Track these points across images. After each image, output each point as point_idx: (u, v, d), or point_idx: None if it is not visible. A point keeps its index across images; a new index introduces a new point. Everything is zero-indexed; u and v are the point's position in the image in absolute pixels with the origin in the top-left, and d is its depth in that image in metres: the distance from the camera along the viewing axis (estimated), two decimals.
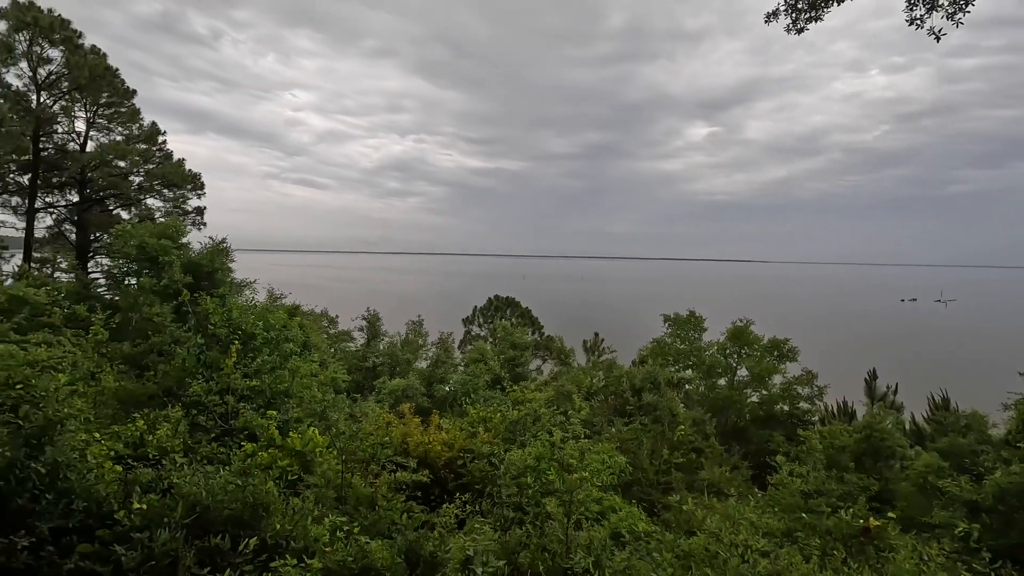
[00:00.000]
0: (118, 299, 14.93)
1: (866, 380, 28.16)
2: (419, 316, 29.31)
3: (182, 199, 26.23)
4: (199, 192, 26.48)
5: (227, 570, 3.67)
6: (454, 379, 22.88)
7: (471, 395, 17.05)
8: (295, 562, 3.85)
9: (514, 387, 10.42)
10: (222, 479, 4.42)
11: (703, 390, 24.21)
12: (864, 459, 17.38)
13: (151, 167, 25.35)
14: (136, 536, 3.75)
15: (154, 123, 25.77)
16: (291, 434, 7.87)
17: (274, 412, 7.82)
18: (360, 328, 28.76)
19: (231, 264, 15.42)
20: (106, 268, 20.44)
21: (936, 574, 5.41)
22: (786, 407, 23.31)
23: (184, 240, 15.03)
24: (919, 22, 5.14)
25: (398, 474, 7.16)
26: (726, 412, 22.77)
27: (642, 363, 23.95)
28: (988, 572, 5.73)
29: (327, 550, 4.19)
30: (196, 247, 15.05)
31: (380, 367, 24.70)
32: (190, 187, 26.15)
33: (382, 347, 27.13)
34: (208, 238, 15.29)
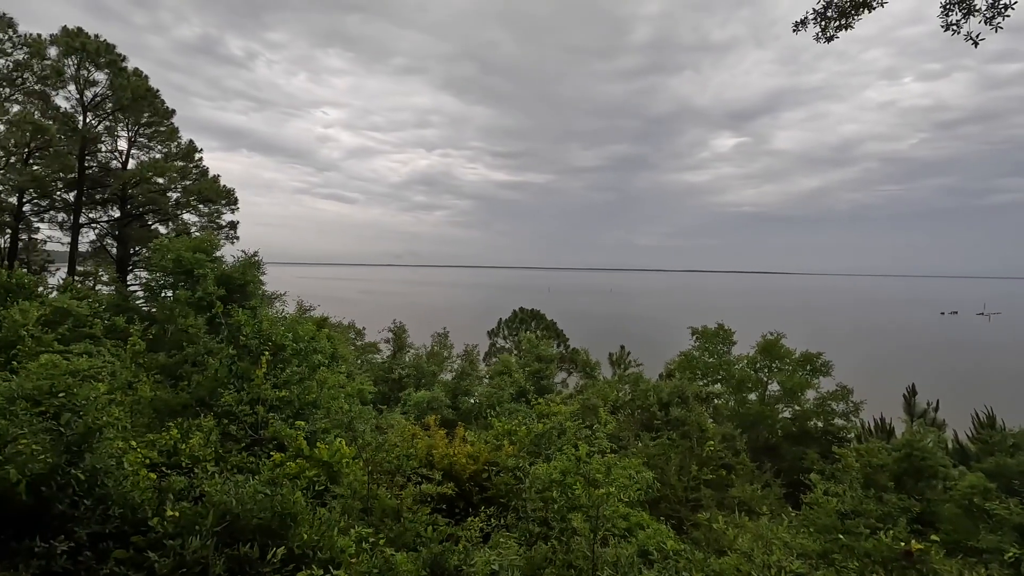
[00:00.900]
0: (155, 311, 15.39)
1: (905, 396, 27.09)
2: (444, 328, 29.45)
3: (216, 214, 27.08)
4: (232, 207, 27.31)
5: None
6: (479, 391, 22.86)
7: (496, 408, 17.00)
8: (321, 573, 3.88)
9: (539, 400, 10.34)
10: (251, 488, 4.48)
11: (733, 405, 23.63)
12: (904, 479, 16.68)
13: (188, 183, 26.27)
14: (169, 543, 3.83)
15: (191, 141, 26.76)
16: (319, 444, 7.97)
17: (302, 423, 7.93)
18: (386, 340, 29.04)
19: (262, 277, 15.77)
20: (144, 281, 21.17)
21: None
22: (820, 423, 22.57)
23: (218, 253, 15.45)
24: (955, 27, 5.01)
25: (423, 486, 7.16)
26: (757, 428, 22.16)
27: (669, 377, 23.55)
28: None
29: (353, 561, 4.20)
30: (229, 260, 15.45)
31: (406, 379, 24.84)
32: (224, 202, 26.99)
33: (408, 359, 27.32)
34: (241, 251, 15.70)
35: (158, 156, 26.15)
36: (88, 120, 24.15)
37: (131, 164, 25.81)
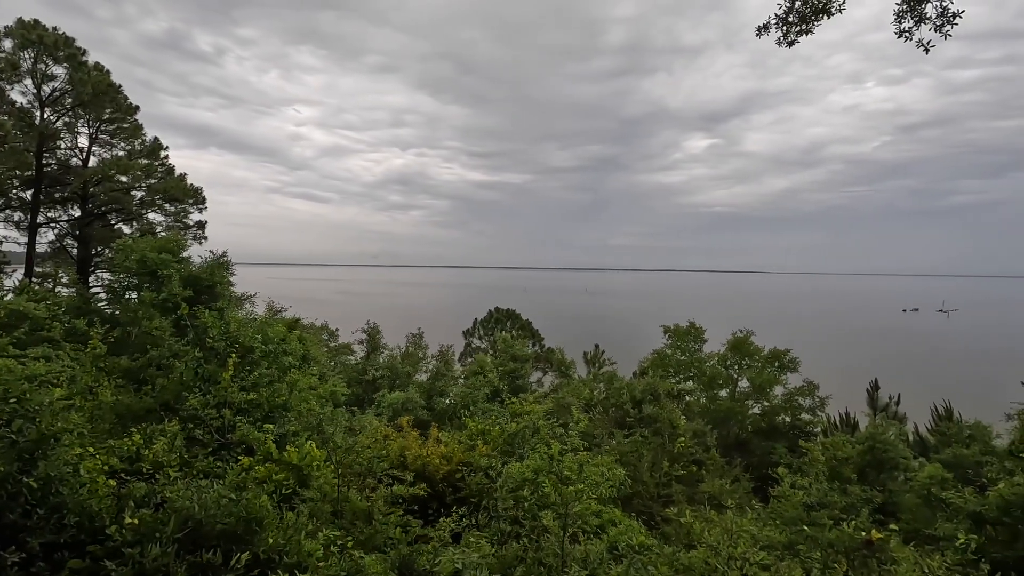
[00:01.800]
0: (118, 313, 14.94)
1: (868, 391, 28.01)
2: (419, 329, 29.26)
3: (183, 213, 26.39)
4: (200, 206, 26.64)
5: None
6: (454, 392, 22.79)
7: (470, 408, 16.98)
8: None
9: (512, 399, 10.38)
10: (215, 493, 4.39)
11: (704, 402, 24.09)
12: (867, 471, 17.25)
13: (153, 182, 25.53)
14: (127, 551, 3.72)
15: (156, 138, 26.01)
16: (288, 447, 7.85)
17: (270, 426, 7.80)
18: (360, 341, 28.73)
19: (231, 278, 15.45)
20: (107, 282, 20.51)
21: None
22: (788, 418, 23.18)
23: (185, 254, 15.07)
24: (908, 34, 5.20)
25: (395, 488, 7.11)
26: (727, 424, 22.62)
27: (643, 375, 23.85)
28: None
29: (320, 565, 4.15)
30: (197, 261, 15.08)
31: (380, 380, 24.62)
32: (191, 201, 26.32)
33: (382, 360, 27.07)
34: (209, 252, 15.34)
35: (121, 154, 25.34)
36: (46, 116, 23.27)
37: (92, 161, 24.97)
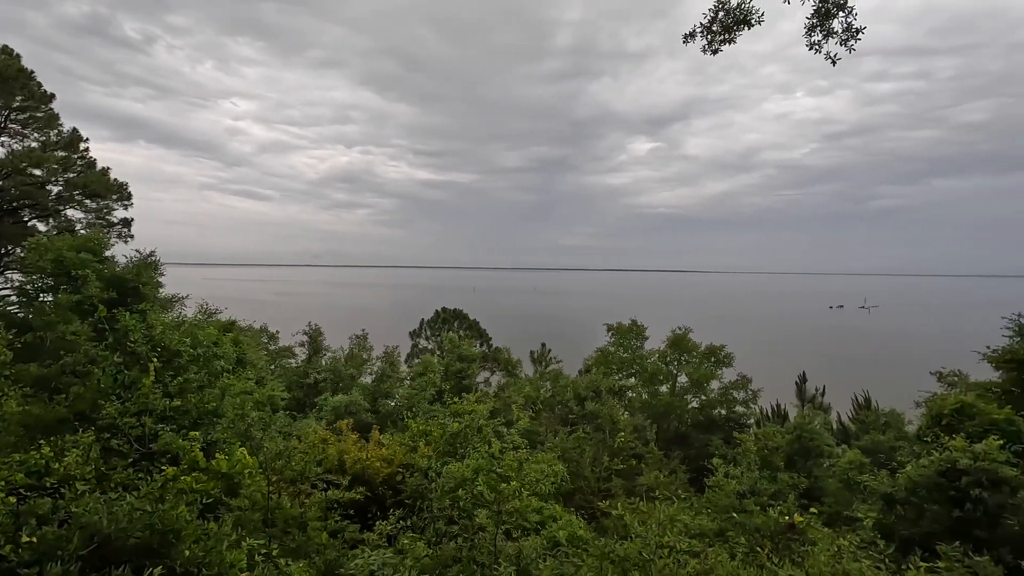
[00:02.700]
0: (31, 317, 13.85)
1: (797, 383, 29.67)
2: (364, 330, 28.65)
3: (106, 210, 24.73)
4: (125, 202, 25.06)
5: None
6: (399, 393, 22.47)
7: (414, 409, 16.79)
8: None
9: (454, 399, 10.35)
10: (128, 506, 4.15)
11: (645, 397, 24.78)
12: (795, 458, 18.23)
13: (71, 176, 23.80)
14: (23, 572, 3.47)
15: (75, 129, 24.26)
16: (217, 455, 7.52)
17: (196, 433, 7.44)
18: (302, 344, 27.83)
19: (160, 278, 14.66)
20: (18, 284, 18.95)
21: (848, 563, 5.73)
22: (724, 411, 24.17)
23: (108, 253, 14.15)
24: (817, 47, 5.55)
25: (330, 492, 6.95)
26: (668, 418, 23.37)
27: (587, 372, 24.30)
28: (884, 558, 6.14)
29: (243, 575, 4.00)
30: (122, 260, 14.19)
31: (322, 383, 23.94)
32: (116, 197, 24.71)
33: (324, 363, 26.33)
34: (135, 251, 14.46)
35: (34, 145, 23.47)
36: None
37: (0, 153, 23.03)
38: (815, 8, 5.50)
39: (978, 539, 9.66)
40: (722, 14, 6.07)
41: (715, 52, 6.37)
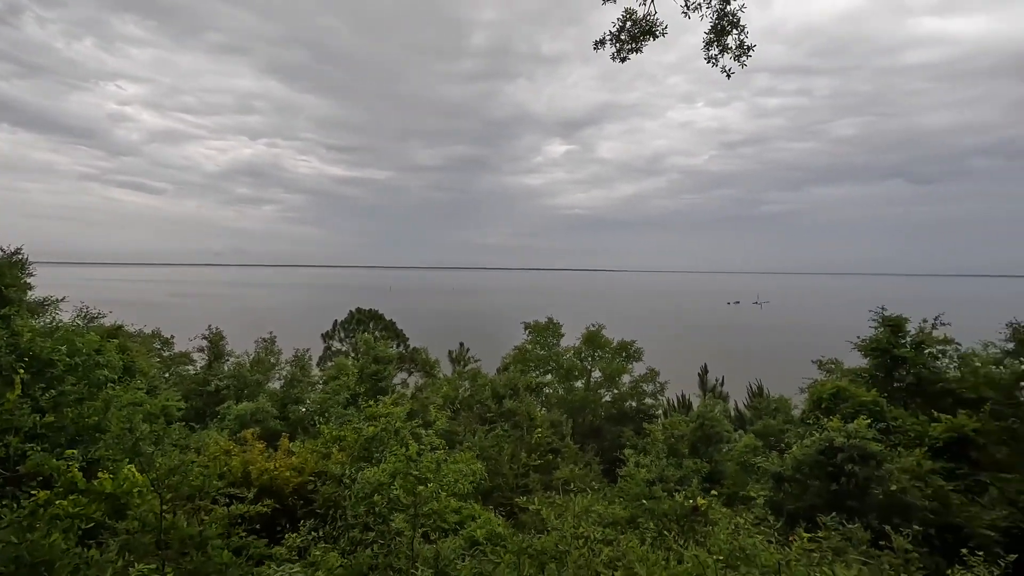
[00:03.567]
0: None
1: (699, 375, 31.78)
2: (271, 333, 27.12)
3: None
4: None
5: None
6: (311, 398, 21.51)
7: (327, 414, 16.15)
8: None
9: (370, 402, 10.07)
10: None
11: (561, 393, 25.43)
12: (698, 445, 19.51)
13: None
14: None
15: None
16: (100, 474, 6.81)
17: (74, 451, 6.70)
18: (201, 349, 25.82)
19: (30, 279, 13.02)
20: None
21: (743, 540, 6.20)
22: (634, 403, 25.35)
23: None
24: (714, 60, 5.98)
25: (233, 507, 6.51)
26: (583, 412, 24.14)
27: (505, 371, 24.55)
28: (774, 532, 6.72)
29: None
30: None
31: (225, 391, 22.37)
32: None
33: (227, 368, 24.61)
34: None
35: None
36: None
37: None
38: (712, 24, 5.91)
39: (851, 508, 10.83)
40: (629, 24, 6.35)
41: (623, 60, 6.65)
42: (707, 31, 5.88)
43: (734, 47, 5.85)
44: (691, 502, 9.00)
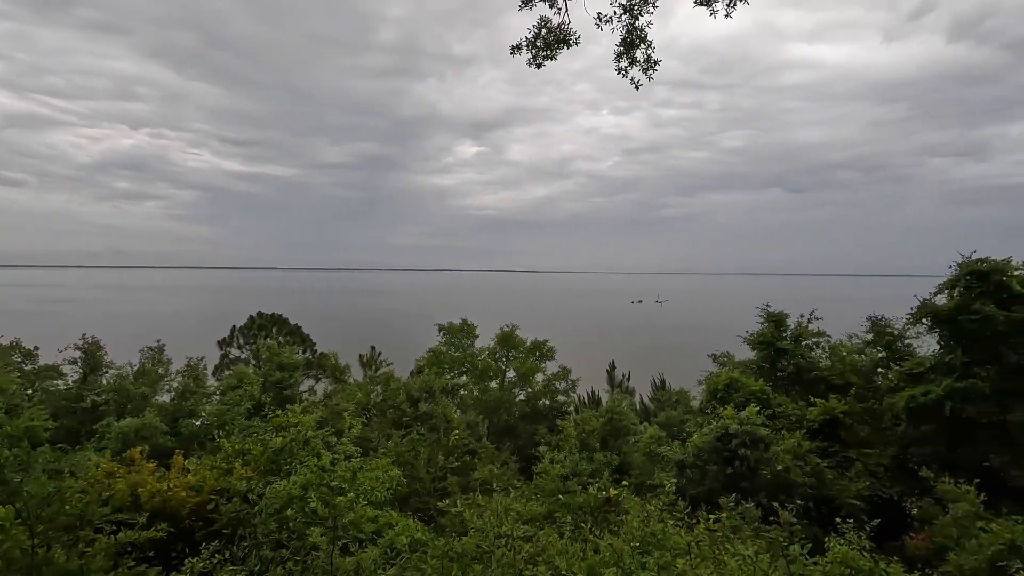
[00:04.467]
0: None
1: (608, 371, 33.19)
2: (159, 341, 24.75)
3: None
4: None
5: None
6: (207, 411, 19.94)
7: (227, 427, 15.07)
8: None
9: (277, 412, 9.51)
10: None
11: (477, 394, 25.51)
12: (608, 438, 20.37)
13: None
14: None
15: None
16: None
17: None
18: (73, 361, 22.99)
19: None
20: None
21: (654, 526, 6.57)
22: (548, 401, 25.98)
23: None
24: (624, 71, 6.30)
25: (121, 535, 5.88)
26: (498, 412, 24.35)
27: (419, 373, 24.18)
28: (683, 516, 7.20)
29: None
30: None
31: (103, 406, 20.10)
32: None
33: (106, 382, 22.12)
34: None
35: None
36: None
37: None
38: (622, 38, 6.22)
39: (744, 489, 11.84)
40: (545, 31, 6.52)
41: (539, 66, 6.82)
42: (617, 44, 6.19)
43: (642, 60, 6.20)
44: (604, 494, 9.37)
